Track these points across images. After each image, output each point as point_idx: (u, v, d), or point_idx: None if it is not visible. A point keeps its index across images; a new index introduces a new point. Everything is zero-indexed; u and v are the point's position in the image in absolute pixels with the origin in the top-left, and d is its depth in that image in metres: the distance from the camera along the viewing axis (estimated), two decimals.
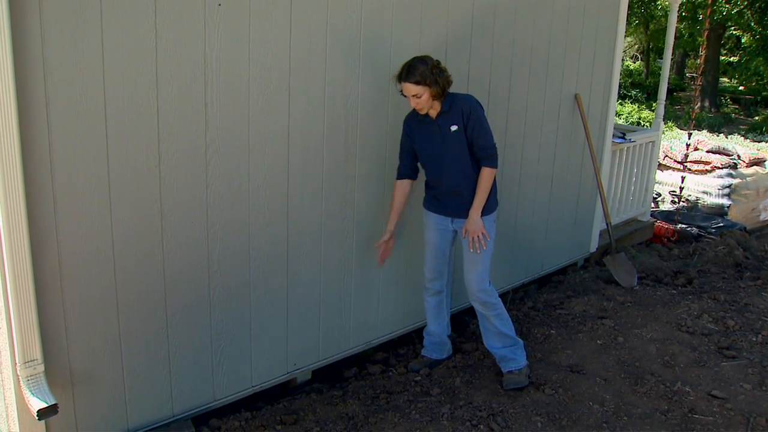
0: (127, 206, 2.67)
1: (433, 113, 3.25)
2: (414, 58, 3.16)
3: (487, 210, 3.34)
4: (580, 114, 4.95)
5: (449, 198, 3.35)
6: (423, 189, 3.53)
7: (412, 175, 3.44)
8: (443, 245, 3.49)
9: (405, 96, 3.20)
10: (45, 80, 2.36)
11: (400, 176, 3.45)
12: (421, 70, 3.09)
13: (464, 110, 3.19)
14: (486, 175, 3.27)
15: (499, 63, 4.14)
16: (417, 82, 3.09)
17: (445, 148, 3.25)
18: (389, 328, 3.92)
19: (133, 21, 2.53)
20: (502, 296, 4.62)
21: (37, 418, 2.39)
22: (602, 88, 5.20)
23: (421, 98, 3.13)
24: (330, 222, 3.42)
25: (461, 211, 3.34)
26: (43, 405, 2.40)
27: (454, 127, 3.21)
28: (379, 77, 3.44)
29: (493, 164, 3.28)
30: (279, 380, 3.41)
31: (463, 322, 4.25)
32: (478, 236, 3.27)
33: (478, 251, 3.28)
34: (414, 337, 4.05)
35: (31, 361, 2.45)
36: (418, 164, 3.45)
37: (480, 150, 3.26)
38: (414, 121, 3.34)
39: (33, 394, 2.44)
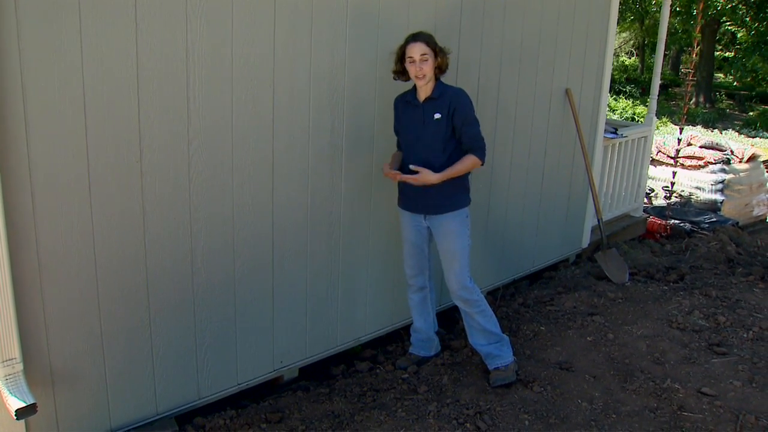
0: (108, 203, 2.62)
1: (423, 96, 3.22)
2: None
3: (457, 205, 3.30)
4: (571, 109, 4.91)
5: (415, 191, 3.29)
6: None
7: None
8: (419, 242, 3.46)
9: (401, 72, 3.24)
10: (21, 74, 2.31)
11: (399, 149, 3.45)
12: (431, 36, 3.18)
13: (452, 102, 3.17)
14: (469, 159, 3.21)
15: (488, 55, 4.10)
16: (427, 43, 3.14)
17: (423, 134, 3.22)
18: (377, 325, 3.89)
19: (112, 14, 2.48)
20: (492, 293, 4.62)
21: (15, 417, 2.36)
22: (594, 82, 5.16)
23: (427, 61, 3.13)
24: (316, 217, 3.38)
25: (430, 207, 3.31)
26: (22, 404, 2.36)
27: (437, 116, 3.18)
28: (366, 70, 3.40)
29: (481, 156, 3.23)
30: (265, 378, 3.37)
31: (453, 318, 4.22)
32: (417, 179, 3.16)
33: (408, 177, 3.18)
34: (403, 335, 4.02)
35: (9, 359, 2.42)
36: None
37: (470, 140, 3.22)
38: (401, 102, 3.34)
39: (11, 393, 2.40)
